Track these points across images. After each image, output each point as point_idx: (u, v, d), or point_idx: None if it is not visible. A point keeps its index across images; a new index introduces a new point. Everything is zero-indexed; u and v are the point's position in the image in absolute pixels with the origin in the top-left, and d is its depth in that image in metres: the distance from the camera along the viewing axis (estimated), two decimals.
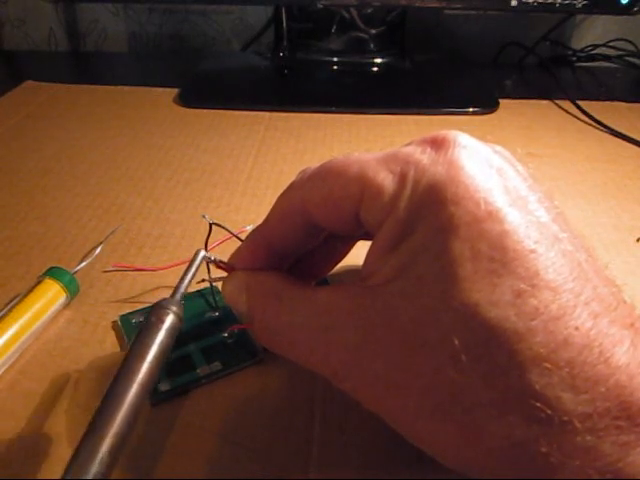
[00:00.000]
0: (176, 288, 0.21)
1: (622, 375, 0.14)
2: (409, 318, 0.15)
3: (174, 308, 0.19)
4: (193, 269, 0.22)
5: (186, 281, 0.21)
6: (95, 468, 0.15)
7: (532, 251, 0.15)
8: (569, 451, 0.14)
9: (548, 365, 0.14)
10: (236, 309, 0.21)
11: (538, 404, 0.14)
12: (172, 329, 0.19)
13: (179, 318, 0.20)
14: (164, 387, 0.22)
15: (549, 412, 0.14)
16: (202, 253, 0.22)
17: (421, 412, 0.15)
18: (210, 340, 0.24)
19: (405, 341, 0.15)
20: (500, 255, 0.15)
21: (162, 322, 0.19)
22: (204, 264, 0.23)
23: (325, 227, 0.20)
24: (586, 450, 0.14)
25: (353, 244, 0.24)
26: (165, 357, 0.19)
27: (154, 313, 0.19)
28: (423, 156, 0.17)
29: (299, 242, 0.21)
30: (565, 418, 0.14)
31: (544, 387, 0.14)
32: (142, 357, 0.18)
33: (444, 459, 0.16)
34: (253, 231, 0.21)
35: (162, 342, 0.19)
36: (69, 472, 0.15)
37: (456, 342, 0.14)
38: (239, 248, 0.22)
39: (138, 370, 0.18)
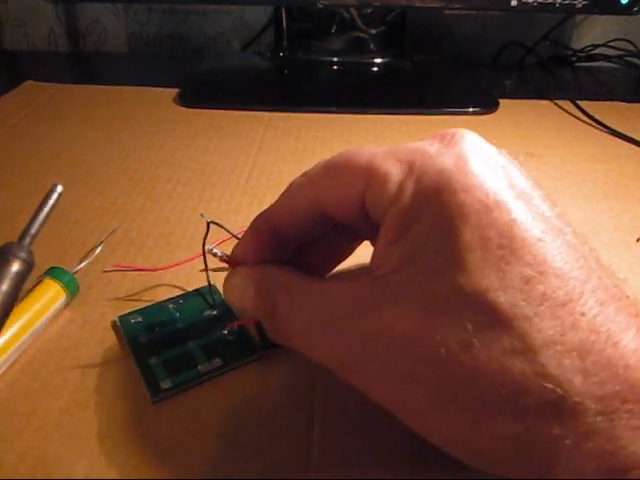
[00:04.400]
0: (25, 230, 0.18)
1: (631, 359, 0.14)
2: (419, 305, 0.16)
3: (18, 253, 0.17)
4: (47, 208, 0.19)
5: (38, 221, 0.19)
6: None
7: (539, 239, 0.15)
8: (582, 433, 0.14)
9: (558, 348, 0.14)
10: (240, 305, 0.21)
11: (550, 385, 0.14)
12: (16, 275, 0.17)
13: (25, 263, 0.17)
14: (165, 385, 0.22)
15: (561, 392, 0.14)
16: (59, 188, 0.19)
17: (434, 403, 0.15)
18: (210, 337, 0.24)
19: (416, 329, 0.15)
20: (508, 243, 0.15)
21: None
22: (204, 260, 0.23)
23: (332, 215, 0.20)
24: (598, 432, 0.14)
25: (358, 243, 0.24)
26: (9, 304, 0.17)
27: None
28: (431, 148, 0.18)
29: (305, 228, 0.21)
30: (577, 399, 0.14)
31: (555, 369, 0.14)
32: None
33: (455, 450, 0.16)
34: (260, 214, 0.22)
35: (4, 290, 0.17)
36: None
37: (469, 327, 0.15)
38: (245, 231, 0.22)
39: None
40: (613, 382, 0.14)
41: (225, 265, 0.22)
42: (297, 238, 0.22)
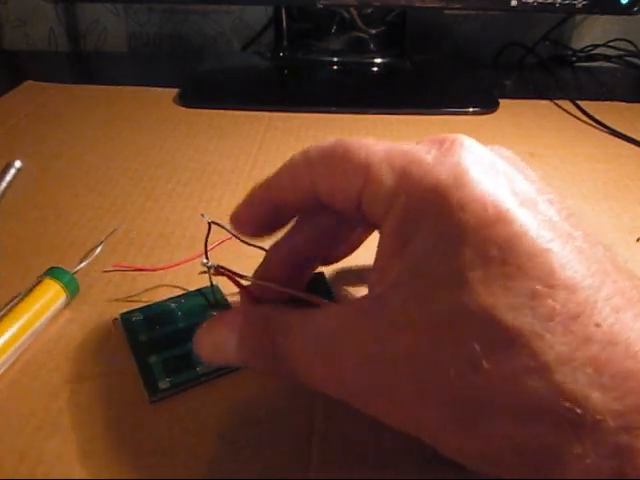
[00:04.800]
0: None
1: None
2: (422, 326, 0.15)
3: None
4: (4, 184, 0.19)
5: None
6: None
7: (546, 250, 0.15)
8: (604, 451, 0.13)
9: (572, 364, 0.14)
10: (223, 359, 0.20)
11: (567, 404, 0.13)
12: None
13: None
14: (163, 385, 0.22)
15: (579, 412, 0.13)
16: (17, 164, 0.19)
17: (444, 422, 0.15)
18: None
19: (420, 349, 0.15)
20: (512, 257, 0.14)
21: None
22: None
23: (328, 204, 0.19)
24: (621, 449, 0.13)
25: (368, 233, 0.23)
26: None
27: None
28: (427, 156, 0.17)
29: (304, 206, 0.21)
30: (598, 417, 0.13)
31: (571, 386, 0.13)
32: None
33: (470, 464, 0.16)
34: (259, 184, 0.21)
35: None
36: None
37: (477, 348, 0.14)
38: (243, 200, 0.22)
39: None
40: (634, 396, 0.13)
41: (227, 265, 0.22)
42: (296, 211, 0.21)
